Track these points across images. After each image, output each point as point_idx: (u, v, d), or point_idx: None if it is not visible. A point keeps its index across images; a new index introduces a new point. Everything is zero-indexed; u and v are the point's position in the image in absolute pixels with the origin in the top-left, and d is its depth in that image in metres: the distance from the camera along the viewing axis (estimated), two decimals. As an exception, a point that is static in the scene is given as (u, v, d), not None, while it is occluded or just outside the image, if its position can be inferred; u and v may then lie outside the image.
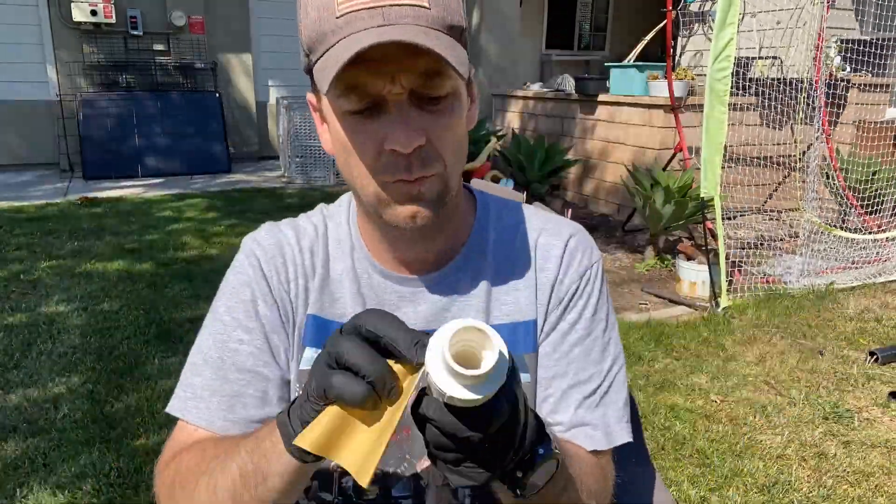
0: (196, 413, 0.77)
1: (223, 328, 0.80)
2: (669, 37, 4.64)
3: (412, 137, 0.66)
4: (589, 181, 6.21)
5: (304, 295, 0.82)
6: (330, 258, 0.84)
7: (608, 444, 0.81)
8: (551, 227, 0.86)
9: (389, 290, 0.82)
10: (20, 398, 2.63)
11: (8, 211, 5.62)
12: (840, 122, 5.83)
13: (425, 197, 0.71)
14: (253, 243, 0.84)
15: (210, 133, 7.69)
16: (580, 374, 0.82)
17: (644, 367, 3.06)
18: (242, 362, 0.78)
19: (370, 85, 0.65)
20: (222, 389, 0.78)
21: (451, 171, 0.72)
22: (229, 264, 0.87)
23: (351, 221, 0.85)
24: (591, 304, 0.83)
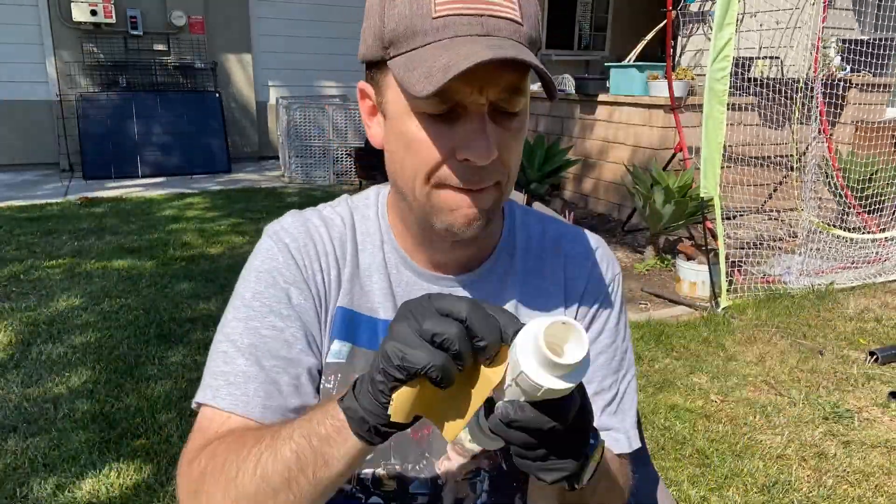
0: (231, 400, 0.73)
1: (254, 314, 0.77)
2: (669, 37, 4.64)
3: (491, 150, 0.66)
4: (589, 181, 6.21)
5: (336, 286, 0.80)
6: (359, 250, 0.82)
7: (627, 448, 0.84)
8: (578, 237, 0.88)
9: (420, 288, 0.81)
10: (20, 398, 2.63)
11: (8, 211, 5.62)
12: (840, 122, 5.83)
13: (482, 206, 0.71)
14: (281, 230, 0.81)
15: (210, 133, 7.69)
16: (603, 382, 0.84)
17: (644, 367, 3.06)
18: (277, 349, 0.76)
19: (457, 92, 0.64)
20: (258, 376, 0.74)
21: (509, 184, 0.73)
22: (230, 263, 0.86)
23: (381, 215, 0.84)
24: (615, 315, 0.86)
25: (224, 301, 2.87)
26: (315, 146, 7.26)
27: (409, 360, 0.53)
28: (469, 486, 0.81)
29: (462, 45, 0.62)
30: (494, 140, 0.67)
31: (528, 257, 0.85)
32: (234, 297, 0.80)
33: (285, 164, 7.47)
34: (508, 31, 0.64)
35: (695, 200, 4.07)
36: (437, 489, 0.81)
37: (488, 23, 0.64)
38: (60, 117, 7.38)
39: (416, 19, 0.64)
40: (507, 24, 0.64)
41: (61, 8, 7.21)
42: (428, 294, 0.57)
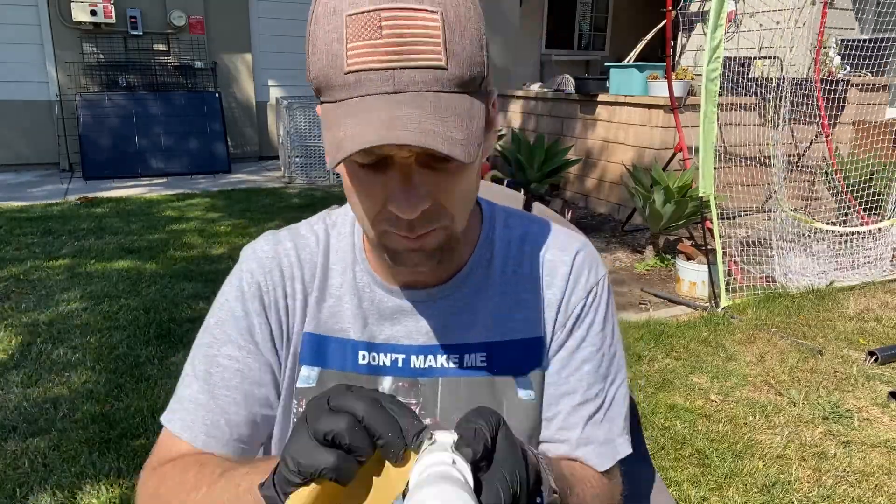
0: (181, 424, 0.77)
1: (213, 342, 0.79)
2: (669, 37, 4.64)
3: (416, 204, 0.64)
4: (589, 181, 6.22)
5: (302, 311, 0.80)
6: (329, 271, 0.82)
7: (612, 459, 0.82)
8: (559, 241, 0.85)
9: (391, 305, 0.81)
10: (20, 398, 2.63)
11: (8, 211, 5.62)
12: (839, 121, 5.84)
13: (427, 248, 0.69)
14: (251, 255, 0.82)
15: (210, 133, 7.69)
16: (588, 392, 0.82)
17: (644, 367, 3.06)
18: (230, 379, 0.78)
19: (379, 147, 0.61)
20: (208, 405, 0.77)
21: (458, 221, 0.71)
22: (230, 264, 0.87)
23: (356, 233, 0.83)
24: (599, 321, 0.83)
25: (224, 301, 2.78)
26: (315, 146, 7.27)
27: (303, 464, 0.52)
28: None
29: (361, 114, 0.59)
30: (427, 190, 0.64)
31: (507, 266, 0.83)
32: (204, 321, 0.82)
33: (285, 164, 7.47)
34: (424, 81, 0.60)
35: (694, 200, 4.07)
36: None
37: (401, 77, 0.59)
38: (60, 117, 7.38)
39: (330, 72, 0.61)
40: (424, 74, 0.60)
41: (61, 8, 7.21)
42: (326, 392, 0.55)
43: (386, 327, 0.81)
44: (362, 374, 0.80)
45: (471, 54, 0.62)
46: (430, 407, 0.79)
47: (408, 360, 0.80)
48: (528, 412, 0.81)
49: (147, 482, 0.75)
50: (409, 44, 0.59)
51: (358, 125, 0.59)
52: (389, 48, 0.59)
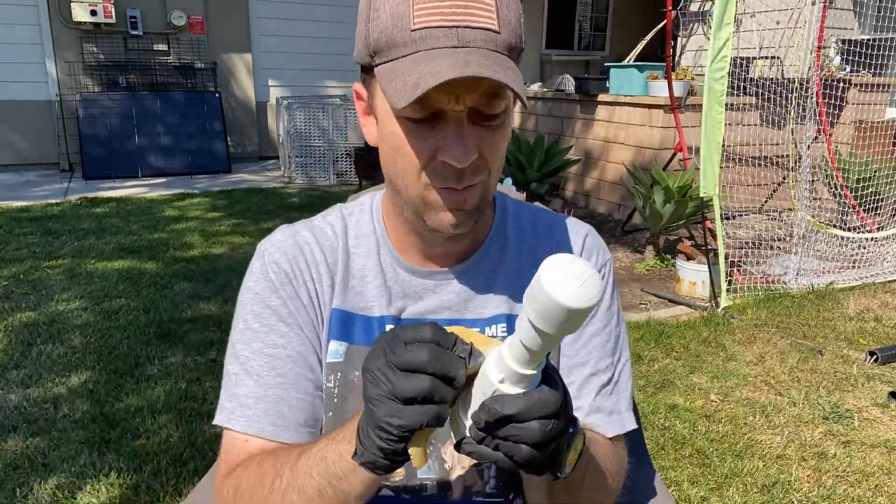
0: (244, 422, 0.79)
1: (255, 336, 0.82)
2: (669, 37, 4.64)
3: (469, 154, 0.69)
4: (589, 181, 6.22)
5: (330, 290, 0.84)
6: (350, 255, 0.86)
7: (621, 429, 0.87)
8: (569, 224, 0.92)
9: (415, 283, 0.85)
10: (20, 398, 2.63)
11: (8, 211, 5.62)
12: (839, 122, 5.84)
13: (468, 206, 0.74)
14: (271, 247, 0.85)
15: (210, 133, 7.70)
16: (599, 364, 0.87)
17: (644, 367, 3.06)
18: (282, 367, 0.81)
19: (434, 99, 0.67)
20: (267, 396, 0.79)
21: (493, 179, 0.76)
22: (230, 264, 0.88)
23: (375, 219, 0.87)
24: (606, 299, 0.89)
25: (224, 301, 2.91)
26: (315, 146, 7.27)
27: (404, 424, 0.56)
28: (477, 473, 0.83)
29: (433, 60, 0.64)
30: (474, 142, 0.70)
31: (522, 248, 0.89)
32: (236, 318, 0.85)
33: (285, 164, 7.47)
34: (483, 40, 0.67)
35: (695, 200, 4.07)
36: (445, 475, 0.83)
37: (464, 34, 0.66)
38: (60, 117, 7.38)
39: (395, 31, 0.67)
40: (483, 34, 0.67)
41: (61, 8, 7.21)
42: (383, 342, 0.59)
43: (410, 303, 0.85)
44: None
45: (515, 26, 0.70)
46: None
47: None
48: None
49: (221, 491, 0.76)
50: (469, 7, 0.66)
51: (433, 66, 0.64)
52: (452, 9, 0.66)
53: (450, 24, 0.66)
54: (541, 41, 9.95)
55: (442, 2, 0.66)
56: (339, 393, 0.82)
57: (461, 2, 0.66)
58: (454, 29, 0.66)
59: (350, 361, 0.83)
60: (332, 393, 0.82)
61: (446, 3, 0.66)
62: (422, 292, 0.85)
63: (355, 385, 0.82)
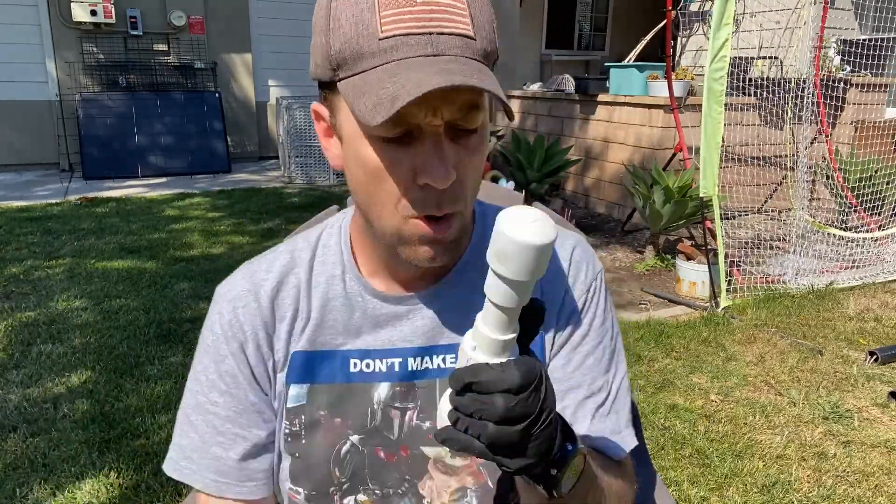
0: (190, 475, 0.79)
1: (200, 388, 0.80)
2: (669, 37, 4.64)
3: (450, 173, 0.64)
4: (589, 181, 6.22)
5: (287, 337, 0.79)
6: (312, 288, 0.80)
7: (622, 451, 0.82)
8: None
9: (385, 311, 0.80)
10: (20, 398, 2.63)
11: (8, 211, 5.62)
12: (839, 122, 5.84)
13: (446, 239, 0.69)
14: (227, 293, 0.81)
15: (210, 133, 7.70)
16: (593, 385, 0.82)
17: (644, 367, 3.06)
18: (220, 425, 0.79)
19: (410, 114, 0.61)
20: (210, 452, 0.79)
21: (469, 205, 0.71)
22: (230, 264, 0.88)
23: (343, 243, 0.81)
24: (599, 315, 0.83)
25: (224, 301, 2.77)
26: (315, 146, 7.27)
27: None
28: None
29: (411, 70, 0.59)
30: (453, 161, 0.65)
31: None
32: (192, 363, 0.83)
33: (285, 163, 7.47)
34: (460, 47, 0.61)
35: (694, 200, 4.07)
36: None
37: (438, 41, 0.60)
38: (60, 117, 7.39)
39: (361, 40, 0.61)
40: (459, 41, 0.61)
41: (61, 8, 7.21)
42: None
43: (381, 333, 0.80)
44: (356, 383, 0.79)
45: (489, 32, 0.65)
46: (429, 409, 0.79)
47: (405, 363, 0.79)
48: None
49: None
50: (443, 12, 0.61)
51: (412, 76, 0.58)
52: (425, 14, 0.60)
53: (423, 30, 0.60)
54: (541, 41, 9.95)
55: (412, 6, 0.60)
56: (305, 434, 0.79)
57: (433, 6, 0.60)
58: (428, 36, 0.60)
59: (313, 401, 0.79)
60: (298, 434, 0.79)
61: (416, 8, 0.60)
62: (393, 319, 0.79)
63: (321, 423, 0.78)
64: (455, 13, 0.61)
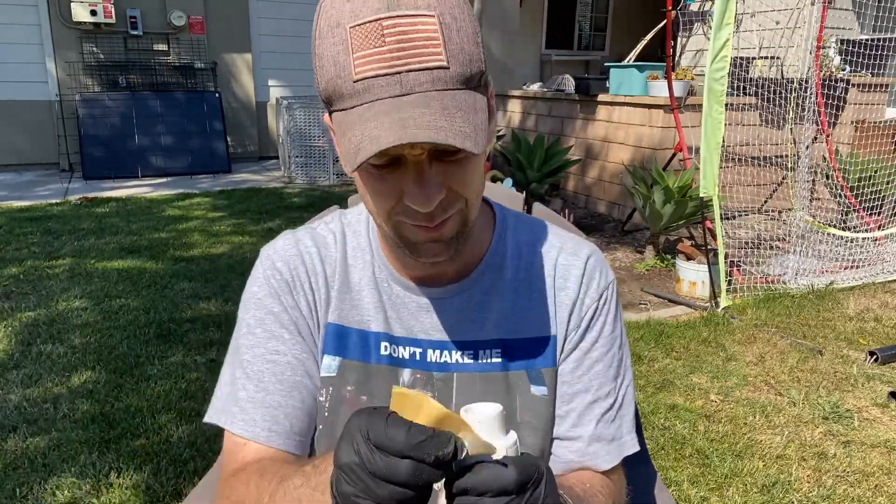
0: (242, 425, 0.80)
1: (258, 341, 0.82)
2: (669, 37, 4.64)
3: (432, 197, 0.67)
4: (589, 181, 6.22)
5: (325, 303, 0.84)
6: (349, 267, 0.85)
7: (620, 455, 0.85)
8: (569, 246, 0.89)
9: (409, 301, 0.84)
10: (20, 398, 2.63)
11: (8, 211, 5.62)
12: (839, 122, 5.84)
13: (445, 237, 0.72)
14: (273, 254, 0.85)
15: (210, 133, 7.70)
16: (601, 391, 0.85)
17: (644, 367, 3.06)
18: (281, 373, 0.81)
19: (389, 149, 0.63)
20: (265, 401, 0.80)
21: (472, 205, 0.73)
22: (230, 264, 0.89)
23: (371, 232, 0.86)
24: (610, 323, 0.87)
25: (224, 301, 2.91)
26: (315, 146, 7.27)
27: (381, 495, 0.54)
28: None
29: (375, 120, 0.62)
30: (439, 181, 0.67)
31: (520, 267, 0.86)
32: (240, 322, 0.85)
33: (285, 163, 7.47)
34: (429, 82, 0.62)
35: (694, 200, 4.07)
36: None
37: (407, 79, 0.62)
38: (60, 117, 7.38)
39: (339, 82, 0.64)
40: (428, 75, 0.62)
41: (61, 8, 7.21)
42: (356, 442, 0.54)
43: (405, 321, 0.84)
44: (384, 365, 0.83)
45: (469, 52, 0.65)
46: (445, 401, 0.82)
47: (424, 353, 0.83)
48: (541, 407, 0.84)
49: (221, 494, 0.79)
50: (412, 48, 0.62)
51: (372, 129, 0.61)
52: (394, 54, 0.62)
53: (391, 70, 0.62)
54: (541, 41, 9.95)
55: (381, 47, 0.61)
56: (330, 406, 0.83)
57: (402, 42, 0.61)
58: (396, 76, 0.62)
59: (343, 376, 0.83)
60: (323, 406, 0.83)
61: (386, 48, 0.61)
62: (415, 311, 0.84)
63: (346, 399, 0.82)
64: (425, 45, 0.62)
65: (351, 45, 0.62)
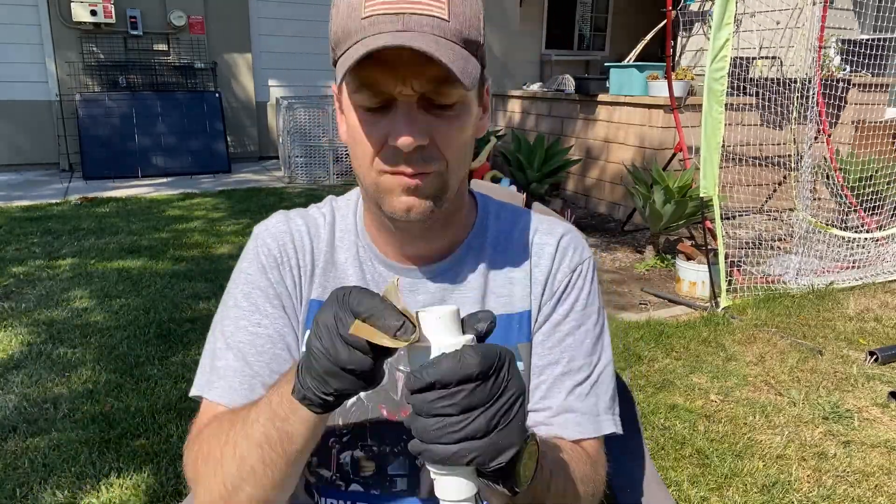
0: (219, 392, 0.82)
1: (241, 313, 0.85)
2: (669, 37, 4.64)
3: (415, 136, 0.70)
4: (589, 181, 6.22)
5: (310, 280, 0.87)
6: (335, 247, 0.89)
7: (595, 431, 0.84)
8: (545, 226, 0.91)
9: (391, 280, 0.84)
10: (20, 398, 2.63)
11: (8, 211, 5.62)
12: (839, 122, 5.84)
13: (422, 192, 0.75)
14: (264, 231, 0.88)
15: (210, 133, 7.70)
16: (572, 364, 0.86)
17: (644, 367, 3.06)
18: (262, 345, 0.83)
19: (382, 84, 0.69)
20: (244, 370, 0.82)
21: (451, 170, 0.76)
22: (230, 264, 0.89)
23: (357, 214, 0.90)
24: (583, 298, 0.88)
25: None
26: (315, 146, 7.27)
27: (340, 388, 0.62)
28: None
29: (377, 40, 0.66)
30: (423, 128, 0.71)
31: (497, 250, 0.89)
32: (226, 297, 0.88)
33: (285, 163, 7.47)
34: (430, 26, 0.68)
35: (695, 200, 4.07)
36: (415, 470, 0.84)
37: (409, 20, 0.68)
38: (60, 117, 7.38)
39: (349, 21, 0.70)
40: (430, 20, 0.68)
41: (61, 8, 7.21)
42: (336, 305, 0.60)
43: None
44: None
45: (469, 18, 0.71)
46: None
47: None
48: None
49: (191, 449, 0.79)
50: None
51: (368, 44, 0.67)
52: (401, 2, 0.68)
53: (395, 10, 0.68)
54: (541, 41, 9.95)
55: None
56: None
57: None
58: (399, 15, 0.68)
59: None
60: None
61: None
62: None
63: None
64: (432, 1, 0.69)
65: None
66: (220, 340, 0.85)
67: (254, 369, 0.82)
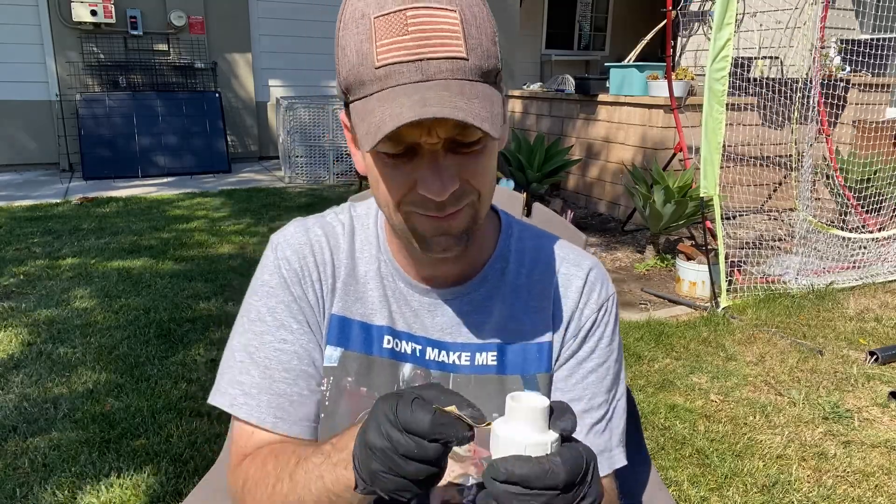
0: (247, 410, 0.81)
1: (266, 328, 0.83)
2: (669, 37, 4.64)
3: (446, 186, 0.68)
4: (589, 181, 6.22)
5: (331, 293, 0.85)
6: (356, 259, 0.86)
7: (609, 468, 0.86)
8: (572, 257, 0.90)
9: (411, 299, 0.85)
10: (20, 398, 2.64)
11: (9, 211, 5.62)
12: (840, 122, 5.83)
13: (454, 231, 0.73)
14: (283, 242, 0.86)
15: (210, 133, 7.70)
16: (593, 401, 0.86)
17: (644, 367, 3.06)
18: (288, 361, 0.82)
19: (407, 135, 0.66)
20: (270, 388, 0.81)
21: (483, 199, 0.74)
22: (231, 264, 0.89)
23: (379, 226, 0.87)
24: (607, 335, 0.87)
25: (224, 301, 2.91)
26: (316, 146, 7.27)
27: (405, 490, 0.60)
28: (457, 490, 0.83)
29: (395, 100, 0.63)
30: (453, 172, 0.69)
31: (521, 273, 0.87)
32: (248, 308, 0.86)
33: (286, 163, 7.47)
34: (449, 70, 0.65)
35: (695, 200, 4.07)
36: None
37: (427, 67, 0.64)
38: (60, 117, 7.38)
39: (361, 69, 0.66)
40: (448, 64, 0.65)
41: (61, 8, 7.21)
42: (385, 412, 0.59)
43: (406, 318, 0.85)
44: (385, 358, 0.84)
45: (487, 48, 0.68)
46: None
47: (423, 351, 0.85)
48: None
49: (234, 479, 0.80)
50: (434, 38, 0.64)
51: (394, 108, 0.63)
52: (416, 42, 0.64)
53: (412, 57, 0.64)
54: (541, 41, 9.95)
55: (403, 36, 0.64)
56: (330, 396, 0.84)
57: (424, 33, 0.64)
58: (417, 63, 0.64)
59: (344, 367, 0.84)
60: (324, 395, 0.84)
61: (408, 36, 0.64)
62: (417, 308, 0.85)
63: (346, 390, 0.83)
64: (447, 37, 0.65)
65: (374, 34, 0.65)
66: (243, 353, 0.83)
67: (281, 387, 0.82)
